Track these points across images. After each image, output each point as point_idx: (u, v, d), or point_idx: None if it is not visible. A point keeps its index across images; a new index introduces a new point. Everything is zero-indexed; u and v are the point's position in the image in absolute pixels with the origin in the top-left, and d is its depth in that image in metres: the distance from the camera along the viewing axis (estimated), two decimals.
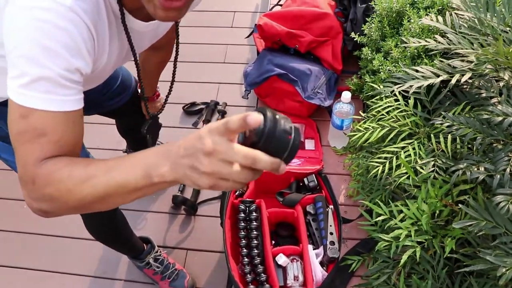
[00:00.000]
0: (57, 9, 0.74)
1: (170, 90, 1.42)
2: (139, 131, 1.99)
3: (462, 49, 1.24)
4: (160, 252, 1.95)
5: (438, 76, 1.31)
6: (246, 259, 1.51)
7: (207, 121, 2.48)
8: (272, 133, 0.62)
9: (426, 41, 1.40)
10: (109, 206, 0.80)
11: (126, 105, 1.65)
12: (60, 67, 0.76)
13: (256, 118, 0.60)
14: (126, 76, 1.61)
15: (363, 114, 1.56)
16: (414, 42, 1.44)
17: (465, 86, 1.35)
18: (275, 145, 0.63)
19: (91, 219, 1.63)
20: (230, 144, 0.62)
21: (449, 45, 1.31)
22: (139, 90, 1.71)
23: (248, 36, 2.46)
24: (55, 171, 0.77)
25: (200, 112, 2.55)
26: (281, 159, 0.64)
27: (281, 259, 1.46)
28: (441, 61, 1.34)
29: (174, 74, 1.40)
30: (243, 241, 1.54)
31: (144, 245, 1.92)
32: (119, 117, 1.83)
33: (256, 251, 1.51)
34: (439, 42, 1.35)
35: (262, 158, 0.62)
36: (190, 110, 2.56)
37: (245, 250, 1.53)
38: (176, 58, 1.34)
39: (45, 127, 0.78)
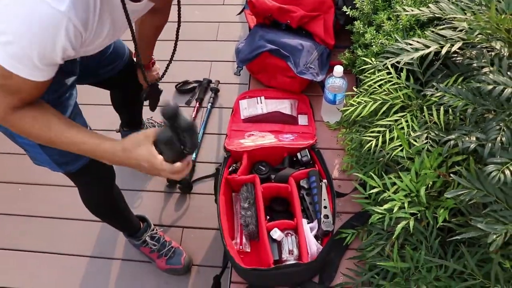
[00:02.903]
0: (53, 13, 0.86)
1: (173, 54, 1.51)
2: (134, 104, 1.99)
3: (454, 16, 1.23)
4: (156, 230, 1.97)
5: (429, 47, 1.30)
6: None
7: (200, 99, 2.48)
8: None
9: (419, 9, 1.39)
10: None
11: (120, 74, 1.66)
12: (44, 58, 0.93)
13: None
14: (119, 44, 1.63)
15: (356, 90, 1.56)
16: (407, 11, 1.43)
17: (457, 57, 1.35)
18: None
19: (88, 194, 1.65)
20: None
21: (441, 13, 1.31)
22: (134, 59, 1.71)
23: (239, 13, 2.45)
24: (24, 124, 1.05)
25: (193, 91, 2.55)
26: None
27: (276, 234, 1.47)
28: (433, 31, 1.33)
29: (177, 36, 1.46)
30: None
31: (141, 223, 1.94)
32: (114, 87, 1.84)
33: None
34: (432, 11, 1.34)
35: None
36: (183, 88, 2.55)
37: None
38: (178, 26, 1.41)
39: (20, 88, 0.97)
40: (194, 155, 2.28)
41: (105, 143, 1.07)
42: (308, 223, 1.50)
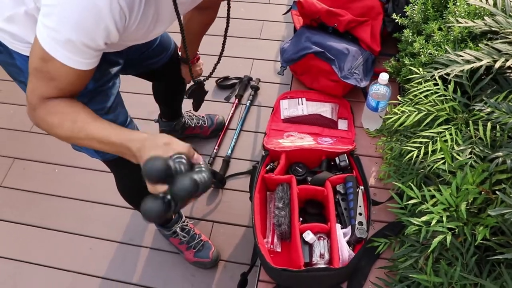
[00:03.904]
0: None
1: (221, 53, 1.54)
2: (176, 96, 2.03)
3: (511, 30, 1.20)
4: (187, 222, 1.99)
5: (481, 60, 1.27)
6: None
7: (239, 96, 2.49)
8: None
9: (474, 21, 1.36)
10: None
11: (164, 67, 1.69)
12: (87, 38, 0.90)
13: None
14: (165, 37, 1.65)
15: (400, 98, 1.54)
16: (461, 22, 1.40)
17: (511, 73, 1.32)
18: None
19: (124, 182, 1.67)
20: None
21: (498, 27, 1.28)
22: (179, 53, 1.73)
23: (286, 13, 2.44)
24: (51, 114, 1.00)
25: (233, 87, 2.56)
26: None
27: (309, 236, 1.46)
28: (487, 44, 1.30)
29: (225, 36, 1.49)
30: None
31: (172, 214, 1.96)
32: (157, 79, 1.87)
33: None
34: (487, 24, 1.31)
35: None
36: (223, 84, 2.57)
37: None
38: (227, 26, 1.43)
39: (57, 75, 0.95)
40: (229, 151, 2.29)
41: (129, 133, 0.98)
42: (341, 228, 1.49)
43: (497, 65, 1.20)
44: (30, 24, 1.06)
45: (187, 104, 2.27)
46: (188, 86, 1.79)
